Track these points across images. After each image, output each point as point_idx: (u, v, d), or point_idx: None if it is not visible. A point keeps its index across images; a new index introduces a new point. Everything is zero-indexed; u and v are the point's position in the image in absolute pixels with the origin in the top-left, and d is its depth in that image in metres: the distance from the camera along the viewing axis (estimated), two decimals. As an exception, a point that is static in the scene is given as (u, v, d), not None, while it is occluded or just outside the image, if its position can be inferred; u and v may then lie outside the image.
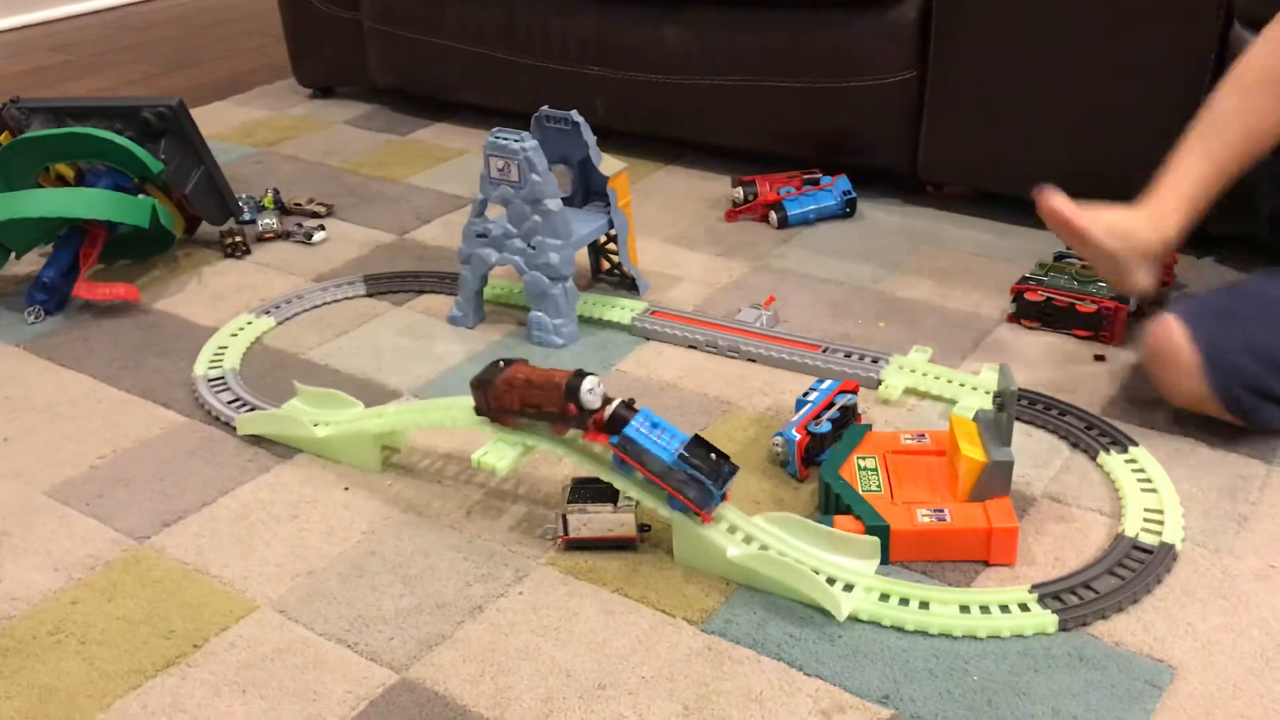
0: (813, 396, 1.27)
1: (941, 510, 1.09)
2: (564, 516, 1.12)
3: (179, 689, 0.99)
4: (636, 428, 1.07)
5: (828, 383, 1.29)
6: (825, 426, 1.22)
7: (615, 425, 1.07)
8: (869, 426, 1.24)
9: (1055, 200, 1.30)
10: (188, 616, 1.07)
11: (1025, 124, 1.70)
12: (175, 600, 1.09)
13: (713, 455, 1.07)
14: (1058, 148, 1.70)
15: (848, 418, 1.25)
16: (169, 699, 0.98)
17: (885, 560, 1.08)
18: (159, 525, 1.19)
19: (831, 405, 1.25)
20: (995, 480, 1.09)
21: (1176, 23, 1.56)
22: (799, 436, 1.20)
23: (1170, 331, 1.22)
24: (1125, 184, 1.66)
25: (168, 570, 1.13)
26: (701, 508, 1.07)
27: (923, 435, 1.21)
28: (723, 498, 1.09)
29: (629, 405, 1.08)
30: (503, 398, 1.12)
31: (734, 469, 1.08)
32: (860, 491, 1.12)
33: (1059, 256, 1.59)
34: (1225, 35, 1.52)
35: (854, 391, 1.28)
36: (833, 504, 1.13)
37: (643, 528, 1.13)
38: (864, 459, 1.17)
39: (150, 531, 1.18)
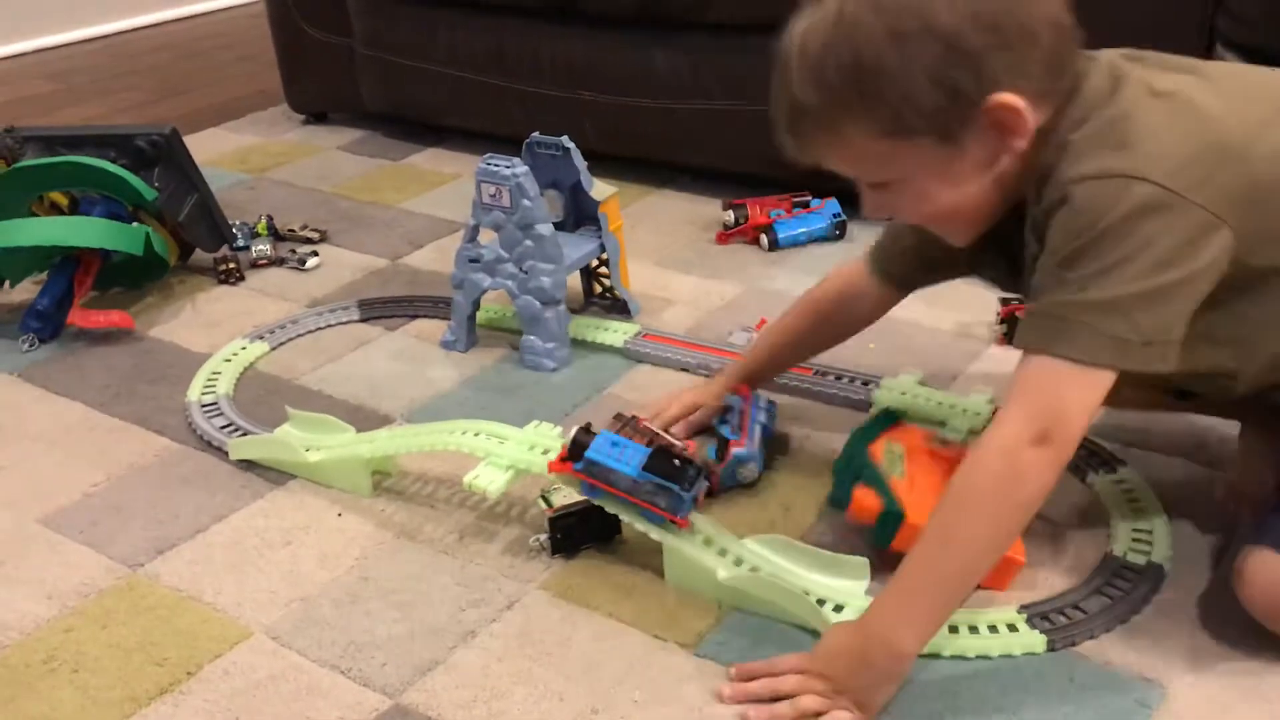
0: (731, 417, 1.29)
1: None
2: (544, 495, 1.15)
3: (172, 716, 0.99)
4: (597, 449, 1.08)
5: (737, 399, 1.31)
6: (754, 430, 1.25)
7: (576, 452, 1.09)
8: (903, 414, 1.24)
9: None
10: (181, 644, 1.07)
11: (1012, 146, 1.71)
12: (169, 628, 1.09)
13: (676, 462, 1.08)
14: (1045, 169, 1.71)
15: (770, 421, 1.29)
16: (162, 727, 0.98)
17: (886, 545, 1.08)
18: (153, 552, 1.19)
19: (750, 418, 1.27)
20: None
21: (1159, 44, 1.56)
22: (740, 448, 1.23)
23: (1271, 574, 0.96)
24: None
25: (161, 597, 1.13)
26: (674, 514, 1.08)
27: (951, 443, 1.20)
28: (695, 501, 1.09)
29: (587, 430, 1.10)
30: None
31: (699, 470, 1.09)
32: (885, 473, 1.12)
33: None
34: (1208, 56, 1.54)
35: (746, 396, 1.30)
36: (856, 474, 1.12)
37: None
38: (894, 445, 1.16)
39: (144, 559, 1.19)
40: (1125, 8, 1.56)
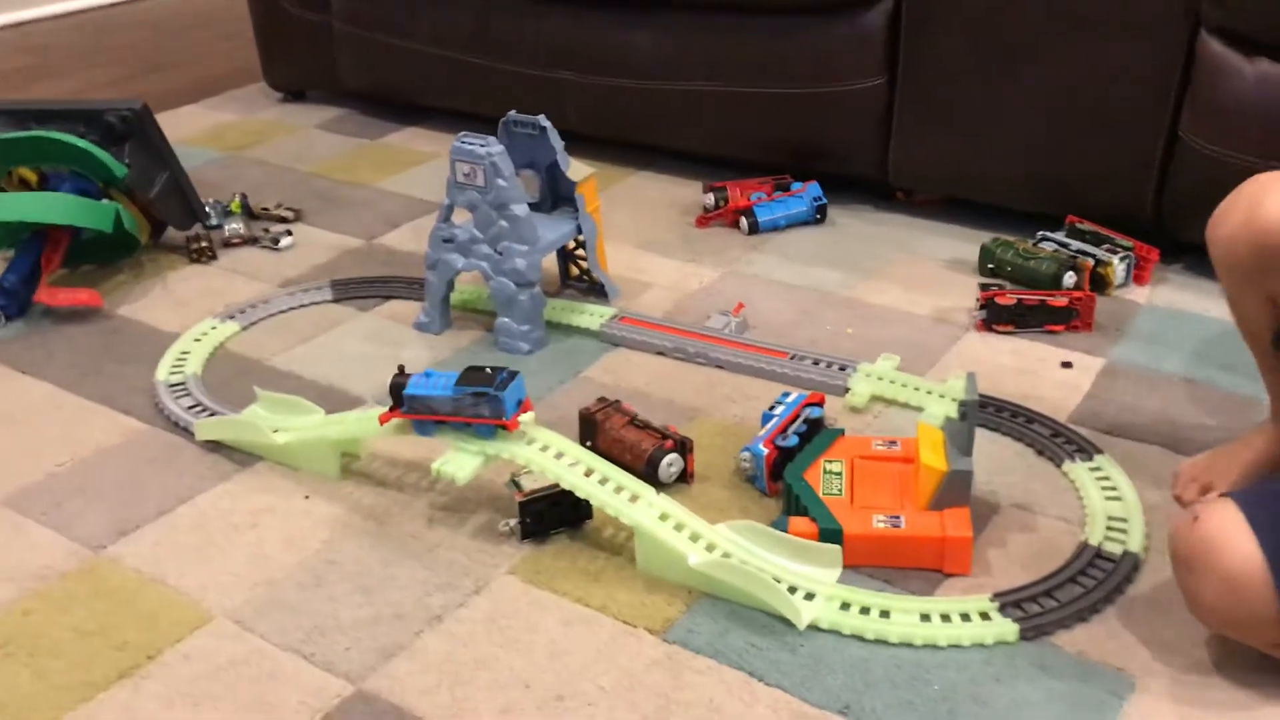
0: (779, 410, 1.26)
1: (897, 517, 1.09)
2: (514, 480, 1.16)
3: (131, 701, 0.97)
4: (414, 385, 1.13)
5: (794, 395, 1.29)
6: (792, 440, 1.21)
7: (397, 394, 1.13)
8: (841, 431, 1.23)
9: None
10: (142, 627, 1.05)
11: (994, 131, 1.70)
12: (130, 611, 1.07)
13: (488, 370, 1.12)
14: (1026, 155, 1.70)
15: (814, 431, 1.24)
16: (120, 712, 0.96)
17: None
18: (116, 534, 1.17)
19: (798, 418, 1.24)
20: (954, 489, 1.08)
21: (1144, 31, 1.56)
22: (767, 451, 1.19)
23: (1221, 517, 0.91)
24: (1092, 191, 1.67)
25: (123, 580, 1.11)
26: (500, 417, 1.10)
27: (894, 442, 1.20)
28: (520, 404, 1.12)
29: (401, 372, 1.14)
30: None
31: (514, 373, 1.12)
32: (820, 494, 1.12)
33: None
34: (1192, 43, 1.53)
35: (820, 404, 1.27)
36: (793, 505, 1.13)
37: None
38: (831, 463, 1.17)
39: (107, 541, 1.16)
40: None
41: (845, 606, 1.03)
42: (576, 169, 1.55)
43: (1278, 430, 1.14)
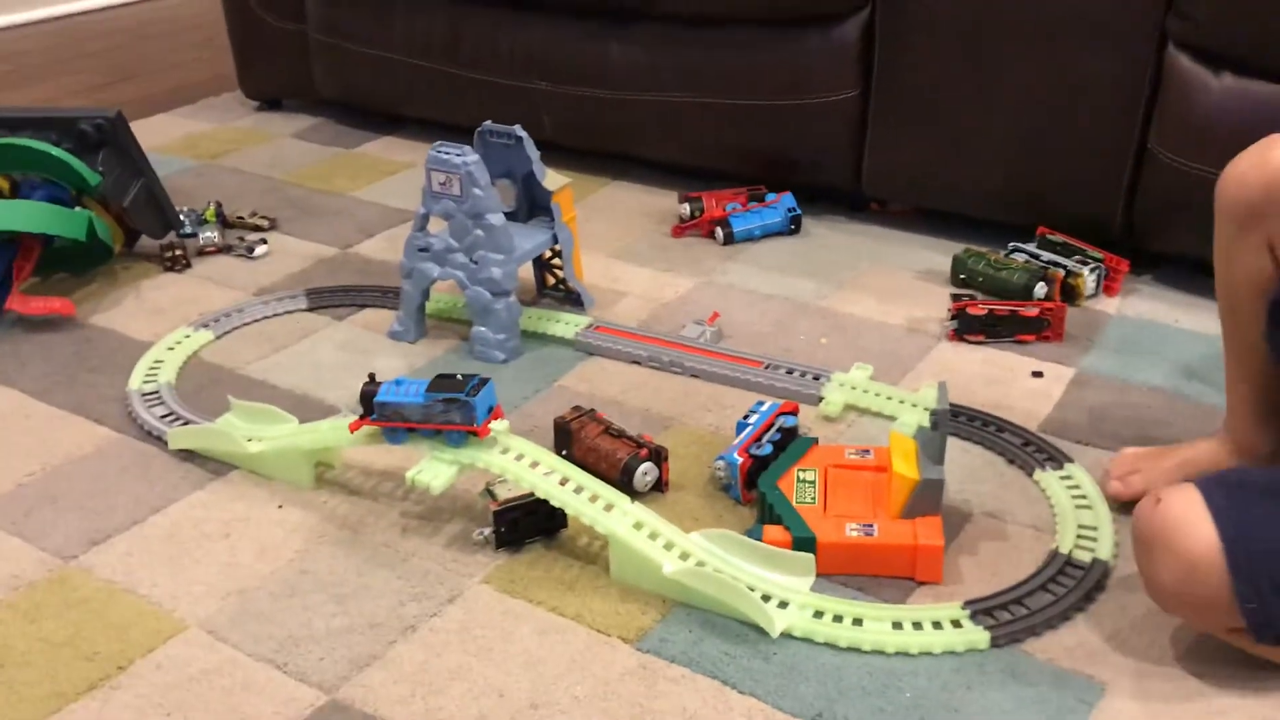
0: (753, 419, 1.26)
1: (870, 525, 1.09)
2: (489, 489, 1.15)
3: (101, 712, 0.97)
4: (384, 393, 1.13)
5: (768, 404, 1.29)
6: (767, 449, 1.22)
7: (367, 402, 1.14)
8: (815, 440, 1.24)
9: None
10: (113, 637, 1.04)
11: (967, 143, 1.72)
12: (101, 621, 1.06)
13: (459, 376, 1.12)
14: (999, 166, 1.71)
15: (789, 439, 1.25)
16: (90, 723, 0.96)
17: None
18: (87, 544, 1.17)
19: (772, 427, 1.25)
20: (926, 498, 1.09)
21: (1114, 44, 1.58)
22: (741, 460, 1.20)
23: (1183, 500, 0.92)
24: (1063, 202, 1.69)
25: (94, 590, 1.10)
26: (471, 424, 1.11)
27: (867, 451, 1.21)
28: (491, 411, 1.12)
29: (371, 380, 1.15)
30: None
31: (485, 380, 1.12)
32: (794, 503, 1.12)
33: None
34: (1161, 56, 1.55)
35: (794, 413, 1.28)
36: (767, 514, 1.13)
37: None
38: (805, 472, 1.18)
39: (77, 550, 1.16)
40: (1080, 8, 1.58)
41: (818, 615, 1.03)
42: (552, 179, 1.55)
43: (1226, 440, 1.15)
